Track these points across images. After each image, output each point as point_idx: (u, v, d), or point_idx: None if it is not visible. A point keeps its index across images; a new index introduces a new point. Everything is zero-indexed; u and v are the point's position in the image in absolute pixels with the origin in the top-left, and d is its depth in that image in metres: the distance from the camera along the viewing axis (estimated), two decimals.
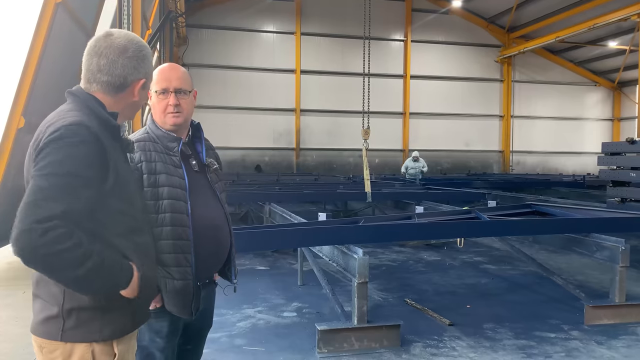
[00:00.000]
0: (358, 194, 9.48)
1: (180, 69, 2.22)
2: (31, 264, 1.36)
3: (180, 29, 17.00)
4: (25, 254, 1.33)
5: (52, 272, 1.38)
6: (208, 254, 2.14)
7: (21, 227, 1.32)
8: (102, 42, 1.61)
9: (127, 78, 1.63)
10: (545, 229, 5.43)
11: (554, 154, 23.80)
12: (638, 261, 7.01)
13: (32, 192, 1.38)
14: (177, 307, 2.06)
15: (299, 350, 4.11)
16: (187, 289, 2.07)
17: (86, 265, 1.37)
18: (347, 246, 4.43)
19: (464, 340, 4.36)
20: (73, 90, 1.61)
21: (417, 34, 21.92)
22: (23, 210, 1.35)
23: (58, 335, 1.49)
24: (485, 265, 7.42)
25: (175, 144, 2.16)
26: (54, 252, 1.32)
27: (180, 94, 2.16)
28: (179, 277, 2.04)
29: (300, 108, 20.82)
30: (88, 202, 1.43)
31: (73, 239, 1.35)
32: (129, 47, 1.63)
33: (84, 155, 1.43)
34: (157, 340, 2.09)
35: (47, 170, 1.40)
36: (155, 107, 2.18)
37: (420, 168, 15.12)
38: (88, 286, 1.42)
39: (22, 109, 4.69)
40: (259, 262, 7.37)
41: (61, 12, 5.19)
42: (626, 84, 23.91)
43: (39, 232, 1.31)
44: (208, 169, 2.24)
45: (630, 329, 4.66)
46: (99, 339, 1.50)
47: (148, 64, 1.69)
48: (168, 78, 2.16)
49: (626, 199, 8.63)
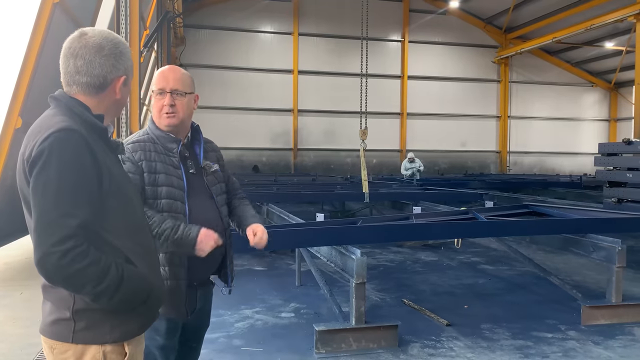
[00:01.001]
0: (356, 195, 9.49)
1: (180, 70, 2.23)
2: (55, 284, 1.44)
3: (177, 29, 17.00)
4: (48, 276, 1.40)
5: (74, 290, 1.45)
6: (205, 256, 2.14)
7: (41, 252, 1.37)
8: (76, 43, 1.58)
9: (106, 77, 1.60)
10: (542, 230, 5.45)
11: (551, 154, 23.87)
12: (634, 261, 7.04)
13: (44, 210, 1.39)
14: (169, 308, 2.05)
15: (297, 350, 4.12)
16: (179, 289, 2.08)
17: (106, 280, 1.42)
18: (344, 247, 4.44)
19: (462, 340, 4.37)
20: (55, 94, 1.59)
21: (415, 34, 21.96)
22: (39, 232, 1.38)
23: (69, 337, 1.50)
24: (483, 265, 7.44)
25: (175, 145, 2.18)
26: (74, 272, 1.38)
27: (177, 94, 2.17)
28: (170, 276, 2.06)
29: (298, 108, 20.84)
30: (95, 209, 1.46)
31: (90, 256, 1.40)
32: (105, 45, 1.60)
33: (79, 161, 1.44)
34: (157, 338, 2.10)
35: (51, 184, 1.40)
36: (153, 107, 2.20)
37: (416, 168, 15.18)
38: (110, 299, 1.45)
39: (19, 109, 4.69)
40: (257, 263, 7.37)
41: (59, 12, 5.18)
42: (623, 85, 24.01)
43: (57, 255, 1.36)
44: (205, 171, 2.25)
45: (626, 329, 4.68)
46: (110, 341, 1.52)
47: (126, 60, 1.66)
48: (166, 78, 2.17)
49: (623, 200, 8.66)
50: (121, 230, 1.55)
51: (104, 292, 1.42)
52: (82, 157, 1.44)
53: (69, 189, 1.41)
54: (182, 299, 2.09)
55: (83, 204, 1.42)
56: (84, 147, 1.45)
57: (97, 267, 1.40)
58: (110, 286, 1.43)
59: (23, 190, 1.49)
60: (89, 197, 1.44)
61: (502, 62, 22.89)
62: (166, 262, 2.05)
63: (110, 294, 1.44)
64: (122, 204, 1.57)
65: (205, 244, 2.02)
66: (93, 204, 1.45)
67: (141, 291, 1.53)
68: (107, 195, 1.50)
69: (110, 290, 1.43)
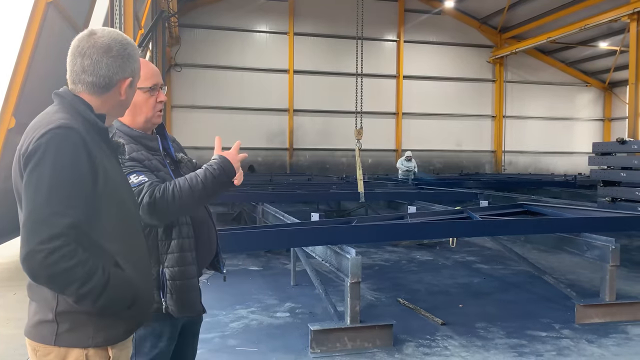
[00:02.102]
0: (351, 194, 9.50)
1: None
2: (39, 283, 1.41)
3: (172, 28, 16.94)
4: (31, 274, 1.38)
5: (58, 290, 1.43)
6: (204, 250, 2.12)
7: (27, 249, 1.35)
8: (85, 42, 1.58)
9: (112, 78, 1.59)
10: (536, 229, 5.47)
11: (545, 154, 23.95)
12: (628, 260, 7.08)
13: (35, 207, 1.38)
14: (185, 307, 2.00)
15: (292, 350, 4.12)
16: (193, 286, 2.03)
17: (91, 282, 1.40)
18: (340, 246, 4.44)
19: (456, 339, 4.38)
20: (60, 91, 1.59)
21: (410, 34, 21.98)
22: (28, 228, 1.37)
23: (52, 340, 1.48)
24: (478, 264, 7.46)
25: (155, 143, 2.10)
26: (59, 271, 1.36)
27: (163, 88, 2.12)
28: (180, 276, 1.99)
29: (294, 108, 20.82)
30: (88, 210, 1.44)
31: (77, 256, 1.38)
32: (113, 46, 1.59)
33: (74, 160, 1.42)
34: (160, 345, 2.05)
35: (44, 181, 1.39)
36: (141, 106, 2.04)
37: (411, 169, 15.24)
38: (94, 302, 1.43)
39: (12, 109, 4.67)
40: (252, 263, 7.36)
41: (52, 12, 5.16)
42: (617, 85, 24.11)
43: (44, 254, 1.34)
44: (180, 164, 2.19)
45: (620, 327, 4.70)
46: (92, 345, 1.49)
47: (133, 62, 1.65)
48: (156, 72, 2.08)
49: (616, 199, 8.70)
50: (113, 233, 1.53)
51: (87, 294, 1.40)
52: (78, 156, 1.43)
53: (61, 188, 1.39)
54: (198, 295, 2.05)
55: (75, 203, 1.41)
56: (80, 146, 1.44)
57: (83, 269, 1.38)
58: (95, 289, 1.41)
59: (17, 185, 1.47)
60: (82, 197, 1.43)
61: (497, 61, 22.94)
62: (177, 263, 1.99)
63: (94, 297, 1.42)
64: (117, 207, 1.55)
65: (236, 161, 1.99)
66: (86, 204, 1.44)
67: (126, 296, 1.50)
68: (101, 196, 1.49)
69: (95, 293, 1.41)
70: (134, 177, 1.90)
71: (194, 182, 1.90)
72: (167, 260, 1.98)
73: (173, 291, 1.98)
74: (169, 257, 1.98)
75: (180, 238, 1.99)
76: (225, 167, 1.96)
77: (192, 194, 1.89)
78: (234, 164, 1.99)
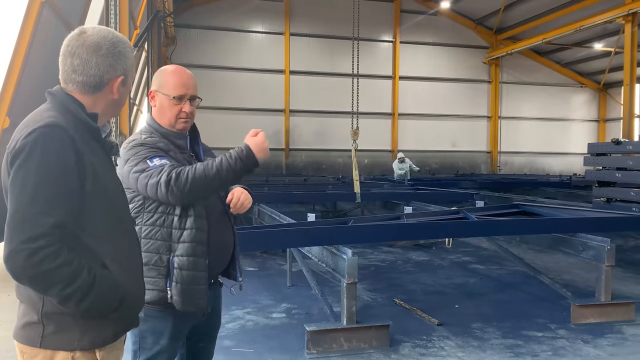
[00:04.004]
0: (347, 195, 9.49)
1: (192, 74, 2.20)
2: (21, 283, 1.39)
3: (168, 28, 16.91)
4: (13, 274, 1.35)
5: (41, 291, 1.39)
6: (217, 253, 2.13)
7: (10, 248, 1.33)
8: (74, 42, 1.56)
9: (103, 77, 1.57)
10: (532, 229, 5.48)
11: (540, 154, 24.03)
12: (623, 260, 7.10)
13: (19, 206, 1.36)
14: (189, 302, 2.00)
15: (288, 351, 4.11)
16: (200, 280, 2.03)
17: (76, 283, 1.37)
18: (336, 247, 4.43)
19: (453, 339, 4.38)
20: (52, 90, 1.57)
21: (406, 35, 22.01)
22: (11, 227, 1.34)
23: (38, 342, 1.45)
24: (473, 265, 7.47)
25: (183, 141, 2.18)
26: (41, 272, 1.33)
27: (194, 101, 2.17)
28: (190, 267, 2.00)
29: (290, 109, 20.81)
30: (74, 209, 1.41)
31: (61, 257, 1.35)
32: (102, 45, 1.56)
33: (61, 159, 1.40)
34: (161, 342, 2.06)
35: (29, 179, 1.36)
36: (165, 110, 2.13)
37: (408, 169, 15.23)
38: (78, 303, 1.40)
39: (7, 109, 4.64)
40: (248, 263, 7.34)
41: (47, 12, 5.14)
42: (611, 86, 24.23)
43: (26, 253, 1.32)
44: None
45: (615, 327, 4.71)
46: (79, 347, 1.46)
47: (125, 60, 1.63)
48: (186, 84, 2.14)
49: (612, 199, 8.72)
50: (102, 233, 1.50)
51: (71, 295, 1.37)
52: (65, 155, 1.41)
53: (47, 187, 1.37)
54: (204, 290, 2.04)
55: (61, 203, 1.38)
56: (68, 145, 1.42)
57: (67, 269, 1.35)
58: (79, 290, 1.37)
59: (5, 183, 1.45)
60: (68, 197, 1.40)
61: (493, 62, 23.01)
62: (187, 253, 2.00)
63: (79, 299, 1.38)
64: (105, 206, 1.52)
65: (260, 143, 2.04)
66: (72, 204, 1.41)
67: (113, 298, 1.47)
68: (89, 196, 1.46)
69: (79, 294, 1.38)
70: (157, 160, 1.99)
71: (208, 167, 1.98)
72: (178, 249, 2.01)
73: (179, 280, 1.99)
74: (180, 246, 2.01)
75: (193, 229, 2.02)
76: (242, 156, 2.01)
77: (206, 177, 1.96)
78: (256, 152, 2.03)
